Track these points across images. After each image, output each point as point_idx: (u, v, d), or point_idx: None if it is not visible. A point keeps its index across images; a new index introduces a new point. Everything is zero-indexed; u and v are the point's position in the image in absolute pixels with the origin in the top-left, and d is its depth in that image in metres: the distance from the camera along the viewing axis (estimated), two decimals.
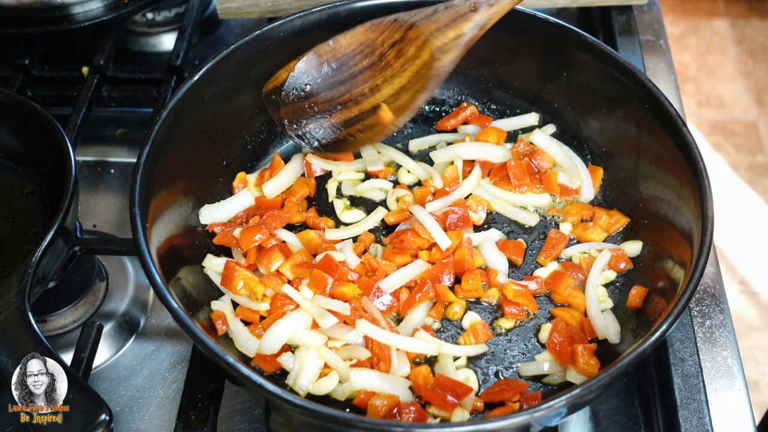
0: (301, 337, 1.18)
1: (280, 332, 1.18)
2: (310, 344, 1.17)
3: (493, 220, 1.37)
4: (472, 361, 1.20)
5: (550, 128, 1.46)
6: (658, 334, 0.99)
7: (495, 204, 1.38)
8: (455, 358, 1.18)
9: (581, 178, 1.38)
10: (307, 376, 1.15)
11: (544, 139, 1.42)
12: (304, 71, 1.35)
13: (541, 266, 1.31)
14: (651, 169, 1.29)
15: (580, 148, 1.43)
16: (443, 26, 1.23)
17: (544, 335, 1.21)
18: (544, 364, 1.18)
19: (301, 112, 1.37)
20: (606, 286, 1.28)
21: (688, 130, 1.20)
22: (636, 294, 1.22)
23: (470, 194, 1.39)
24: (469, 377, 1.16)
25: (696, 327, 1.26)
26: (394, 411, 1.10)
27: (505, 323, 1.24)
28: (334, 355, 1.17)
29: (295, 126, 1.38)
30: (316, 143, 1.38)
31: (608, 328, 1.20)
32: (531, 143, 1.42)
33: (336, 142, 1.37)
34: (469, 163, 1.42)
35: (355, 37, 1.32)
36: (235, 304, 1.25)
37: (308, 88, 1.35)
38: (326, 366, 1.17)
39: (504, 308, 1.24)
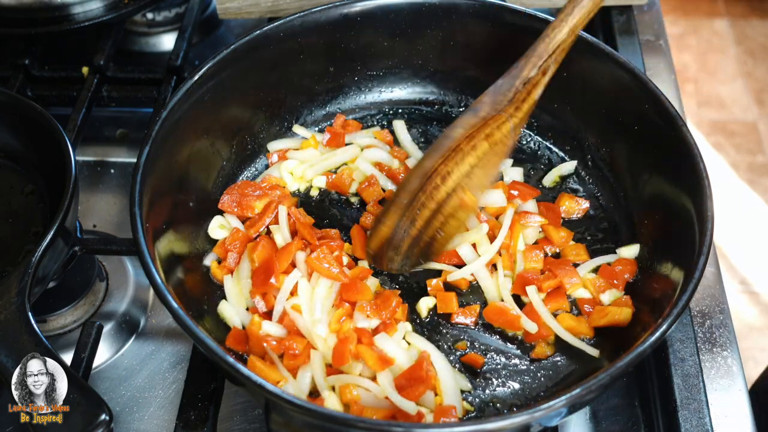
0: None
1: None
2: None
3: None
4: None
5: (570, 165, 1.43)
6: (658, 334, 0.99)
7: None
8: None
9: None
10: None
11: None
12: None
13: None
14: (651, 170, 1.29)
15: (580, 148, 1.43)
16: (521, 102, 1.21)
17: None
18: None
19: (398, 245, 1.25)
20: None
21: (688, 130, 1.20)
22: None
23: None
24: None
25: (696, 327, 1.26)
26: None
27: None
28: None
29: (394, 263, 1.27)
30: (407, 266, 1.28)
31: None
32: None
33: (425, 249, 1.26)
34: None
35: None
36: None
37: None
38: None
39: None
